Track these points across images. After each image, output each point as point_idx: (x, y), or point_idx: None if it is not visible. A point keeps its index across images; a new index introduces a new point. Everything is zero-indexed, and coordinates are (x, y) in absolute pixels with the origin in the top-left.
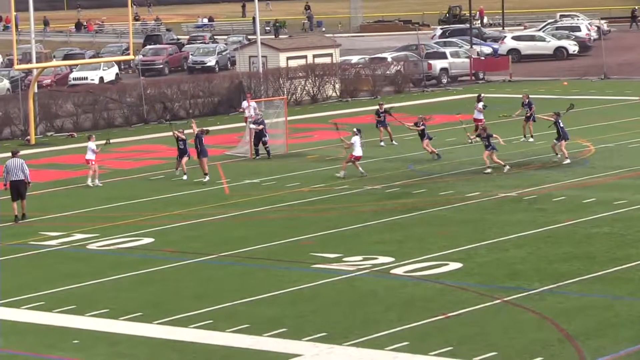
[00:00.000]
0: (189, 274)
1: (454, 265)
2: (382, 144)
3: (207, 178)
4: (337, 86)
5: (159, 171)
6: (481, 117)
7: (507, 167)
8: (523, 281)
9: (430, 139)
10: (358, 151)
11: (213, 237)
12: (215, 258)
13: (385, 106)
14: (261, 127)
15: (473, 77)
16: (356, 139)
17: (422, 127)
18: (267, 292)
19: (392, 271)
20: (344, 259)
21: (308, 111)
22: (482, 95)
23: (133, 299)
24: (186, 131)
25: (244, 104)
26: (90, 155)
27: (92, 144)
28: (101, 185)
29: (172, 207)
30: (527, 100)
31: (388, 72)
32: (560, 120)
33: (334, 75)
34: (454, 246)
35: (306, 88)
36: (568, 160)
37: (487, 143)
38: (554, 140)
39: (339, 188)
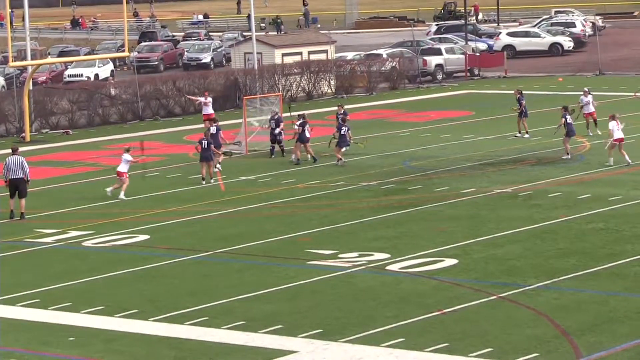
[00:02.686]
0: (185, 270)
1: (450, 262)
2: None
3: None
4: (332, 82)
5: (154, 168)
6: (592, 109)
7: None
8: (519, 277)
9: (309, 142)
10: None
11: (209, 234)
12: (211, 255)
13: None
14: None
15: (468, 74)
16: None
17: (300, 127)
18: (263, 289)
19: (388, 267)
20: (340, 256)
21: (303, 108)
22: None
23: (129, 296)
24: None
25: (201, 99)
26: (123, 168)
27: (127, 156)
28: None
29: (168, 204)
30: (517, 96)
31: (383, 68)
32: (568, 115)
33: (329, 72)
34: (450, 242)
35: (301, 85)
36: (568, 156)
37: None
38: (564, 137)
39: (335, 185)
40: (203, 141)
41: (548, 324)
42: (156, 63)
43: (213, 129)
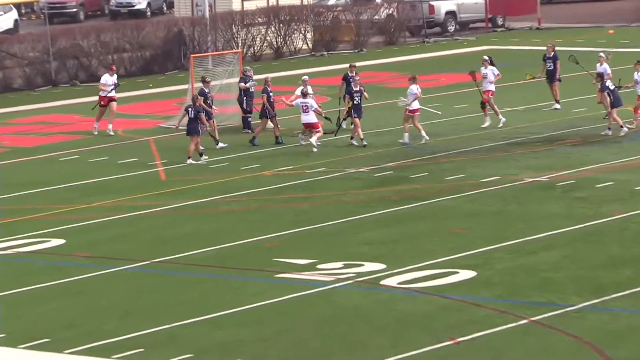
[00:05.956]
0: (114, 286)
1: (465, 274)
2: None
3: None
4: (308, 36)
5: (73, 149)
6: (491, 87)
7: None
8: (556, 294)
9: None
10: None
11: (146, 237)
12: (148, 265)
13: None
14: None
15: (489, 24)
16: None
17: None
18: (218, 310)
19: (383, 282)
20: (319, 266)
21: (270, 69)
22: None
23: (37, 321)
24: None
25: (105, 78)
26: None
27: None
28: None
29: (91, 197)
30: (552, 53)
31: (376, 17)
32: (609, 82)
33: (305, 22)
34: (465, 248)
35: (268, 38)
36: (609, 132)
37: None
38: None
39: (313, 171)
40: (190, 109)
41: (595, 355)
42: (74, 10)
43: (207, 90)
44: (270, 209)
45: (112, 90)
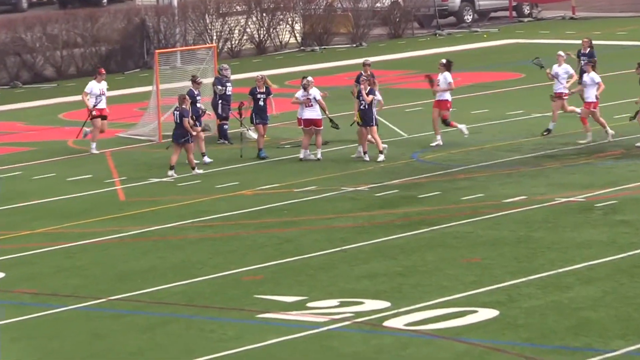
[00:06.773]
0: (64, 328)
1: (486, 313)
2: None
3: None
4: (297, 27)
5: (14, 164)
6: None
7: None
8: (595, 337)
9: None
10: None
11: (101, 270)
12: (105, 303)
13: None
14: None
15: (514, 13)
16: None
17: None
18: (188, 357)
19: (387, 323)
20: (310, 305)
21: (251, 67)
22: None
23: None
24: None
25: (92, 86)
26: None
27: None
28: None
29: (36, 221)
30: (588, 50)
31: (378, 4)
32: None
33: (293, 11)
34: (486, 283)
35: (248, 31)
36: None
37: None
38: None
39: (302, 191)
40: (175, 112)
41: None
42: None
43: (196, 92)
44: (249, 235)
45: (99, 101)
